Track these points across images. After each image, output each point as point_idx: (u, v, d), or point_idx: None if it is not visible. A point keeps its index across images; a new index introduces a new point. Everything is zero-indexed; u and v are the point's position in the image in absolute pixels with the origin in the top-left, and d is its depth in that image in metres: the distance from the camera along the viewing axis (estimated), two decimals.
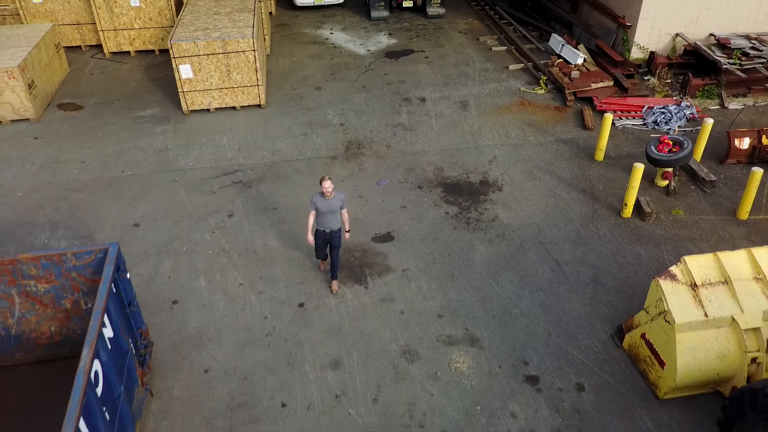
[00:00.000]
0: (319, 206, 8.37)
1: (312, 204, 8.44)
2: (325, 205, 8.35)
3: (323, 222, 8.52)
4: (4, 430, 7.09)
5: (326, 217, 8.45)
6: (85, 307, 7.50)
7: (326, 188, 8.17)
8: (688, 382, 7.22)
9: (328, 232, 8.61)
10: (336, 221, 8.53)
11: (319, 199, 8.36)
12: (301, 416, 7.43)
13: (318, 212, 8.43)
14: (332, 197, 8.31)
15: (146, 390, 7.41)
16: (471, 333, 8.54)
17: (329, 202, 8.35)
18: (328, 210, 8.39)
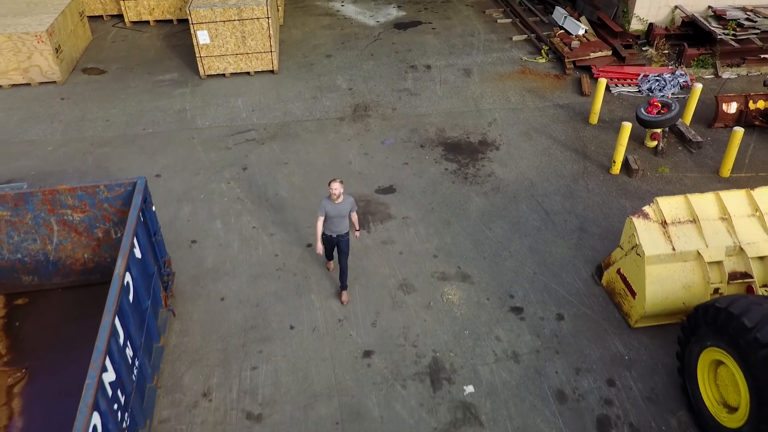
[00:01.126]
0: (328, 211, 7.92)
1: (321, 209, 7.94)
2: (334, 209, 7.91)
3: (331, 226, 8.07)
4: (44, 347, 8.00)
5: (335, 222, 8.01)
6: (115, 236, 8.37)
7: (334, 190, 7.73)
8: (656, 311, 7.97)
9: (335, 237, 8.18)
10: (344, 225, 8.11)
11: (328, 203, 7.91)
12: (306, 336, 8.29)
13: (327, 216, 7.98)
14: (342, 201, 7.90)
15: (169, 311, 8.31)
16: (463, 271, 9.33)
17: (339, 207, 7.91)
18: (337, 215, 7.95)
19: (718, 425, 6.60)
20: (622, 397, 7.44)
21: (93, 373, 5.39)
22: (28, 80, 14.84)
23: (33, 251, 8.28)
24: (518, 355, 7.97)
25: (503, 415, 7.24)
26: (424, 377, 7.70)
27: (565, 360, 7.91)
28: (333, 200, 7.87)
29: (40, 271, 8.50)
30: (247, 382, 7.67)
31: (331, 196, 7.82)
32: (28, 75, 14.77)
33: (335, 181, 7.79)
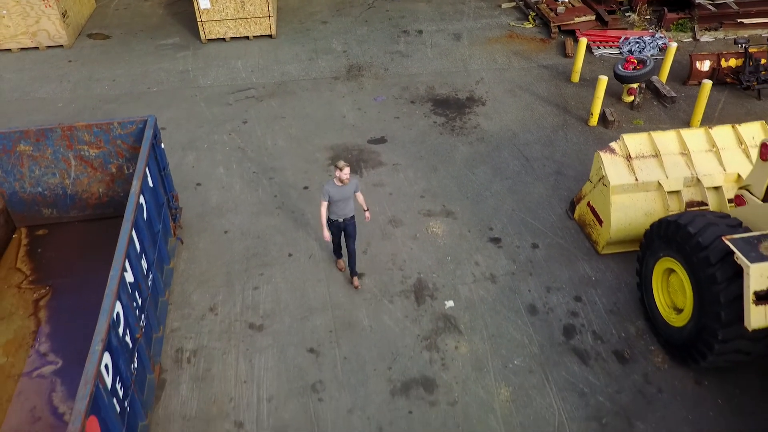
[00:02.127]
0: (333, 194, 7.65)
1: (325, 194, 7.65)
2: (338, 192, 7.66)
3: (336, 211, 7.83)
4: (64, 270, 8.79)
5: (339, 206, 7.77)
6: (127, 172, 9.14)
7: (344, 174, 7.49)
8: (621, 237, 8.78)
9: (341, 221, 7.95)
10: (350, 208, 7.88)
11: (332, 187, 7.65)
12: (303, 263, 9.09)
13: (331, 201, 7.71)
14: (347, 183, 7.67)
15: (178, 239, 9.11)
16: (447, 208, 10.13)
17: (343, 189, 7.68)
18: (341, 198, 7.70)
19: (668, 325, 7.43)
20: (587, 310, 8.27)
21: (116, 267, 6.19)
22: (36, 44, 15.51)
23: (52, 185, 9.05)
24: (495, 277, 8.79)
25: (479, 325, 8.07)
26: (409, 294, 8.52)
27: (537, 280, 8.73)
28: (338, 184, 7.61)
29: (59, 205, 9.27)
30: (249, 299, 8.49)
31: (340, 179, 7.53)
32: (36, 39, 15.44)
33: (346, 166, 7.46)
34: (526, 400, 7.16)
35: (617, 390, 7.27)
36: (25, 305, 8.06)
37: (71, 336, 7.63)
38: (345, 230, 8.07)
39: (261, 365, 7.58)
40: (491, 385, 7.32)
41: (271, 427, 6.89)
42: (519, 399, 7.17)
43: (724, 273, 6.44)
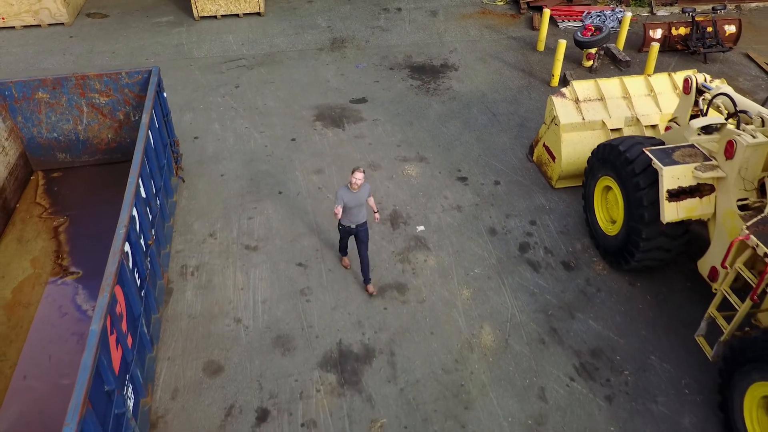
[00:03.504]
0: (347, 201, 7.58)
1: (339, 199, 7.56)
2: (353, 199, 7.61)
3: (350, 217, 7.78)
4: (79, 204, 9.84)
5: (353, 212, 7.73)
6: (133, 119, 10.23)
7: (357, 180, 7.45)
8: (571, 170, 10.00)
9: (354, 227, 7.89)
10: (363, 214, 7.84)
11: (346, 192, 7.59)
12: (292, 199, 10.24)
13: (345, 207, 7.65)
14: (360, 189, 7.65)
15: (180, 178, 10.21)
16: (421, 155, 11.31)
17: (357, 195, 7.62)
18: (356, 204, 7.66)
19: (606, 236, 8.66)
20: (541, 231, 9.48)
21: (132, 179, 7.30)
22: (38, 22, 16.51)
23: (66, 131, 10.12)
24: (461, 207, 9.99)
25: (446, 243, 9.25)
26: (385, 221, 9.69)
27: (498, 209, 9.93)
28: (352, 189, 7.58)
29: (72, 149, 10.35)
30: (244, 226, 9.62)
31: (352, 185, 7.50)
32: (38, 17, 16.44)
33: (359, 171, 7.46)
34: (484, 298, 8.35)
35: (562, 291, 8.48)
36: (46, 231, 9.14)
37: (89, 255, 8.72)
38: (357, 236, 7.95)
39: (256, 276, 8.71)
40: (454, 288, 8.51)
41: (265, 322, 8.03)
42: (478, 298, 8.36)
43: (646, 179, 7.67)
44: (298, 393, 7.14)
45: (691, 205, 7.30)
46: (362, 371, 7.38)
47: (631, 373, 7.37)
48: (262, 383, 7.25)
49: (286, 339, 7.79)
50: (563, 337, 7.82)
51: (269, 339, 7.80)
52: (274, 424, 6.82)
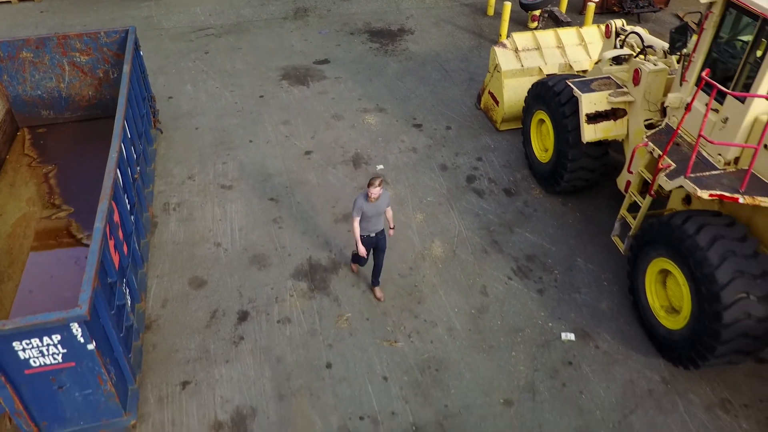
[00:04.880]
0: (366, 210, 7.35)
1: (357, 210, 7.32)
2: (372, 208, 7.36)
3: (369, 226, 7.53)
4: (65, 155, 10.66)
5: (372, 221, 7.49)
6: (113, 76, 11.07)
7: (374, 193, 7.18)
8: (513, 112, 11.18)
9: (374, 236, 7.68)
10: (382, 222, 7.64)
11: (365, 203, 7.32)
12: (262, 146, 11.23)
13: (363, 216, 7.41)
14: (380, 198, 7.36)
15: (158, 129, 11.12)
16: (380, 106, 12.39)
17: (377, 204, 7.37)
18: (375, 213, 7.43)
19: (541, 164, 9.88)
20: (486, 166, 10.66)
21: (119, 117, 8.21)
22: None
23: (49, 88, 10.92)
24: (416, 149, 11.11)
25: (402, 178, 10.37)
26: (348, 162, 10.76)
27: (448, 149, 11.08)
28: (369, 200, 7.33)
29: (55, 106, 11.14)
30: (219, 170, 10.59)
31: (369, 197, 7.26)
32: None
33: (376, 184, 7.13)
34: (435, 220, 9.51)
35: (503, 211, 9.68)
36: (37, 176, 9.98)
37: (79, 195, 9.58)
38: (377, 244, 7.79)
39: (232, 210, 9.72)
40: (410, 213, 9.64)
41: (242, 245, 9.06)
42: (430, 220, 9.51)
43: (570, 108, 8.88)
44: (274, 298, 8.21)
45: (607, 127, 8.53)
46: (330, 279, 8.48)
47: (560, 272, 8.61)
48: (241, 292, 8.30)
49: (261, 258, 8.83)
50: (503, 247, 9.02)
51: (246, 258, 8.83)
52: (253, 323, 7.88)
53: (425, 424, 6.74)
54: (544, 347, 7.58)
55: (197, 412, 6.85)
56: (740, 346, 6.35)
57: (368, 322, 7.88)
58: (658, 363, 7.37)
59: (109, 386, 6.05)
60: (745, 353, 6.47)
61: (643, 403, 6.94)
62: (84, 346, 5.65)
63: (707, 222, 6.60)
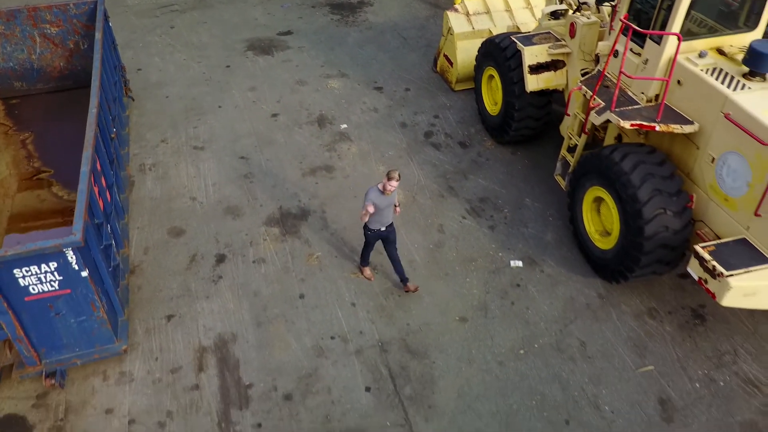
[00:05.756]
0: (378, 203, 7.24)
1: (369, 199, 7.22)
2: (384, 200, 7.29)
3: (381, 219, 7.46)
4: (40, 123, 11.07)
5: (384, 213, 7.41)
6: (83, 47, 11.49)
7: (392, 187, 7.12)
8: (466, 72, 11.97)
9: (384, 230, 7.61)
10: (392, 215, 7.58)
11: (378, 196, 7.23)
12: (231, 111, 11.81)
13: (376, 210, 7.29)
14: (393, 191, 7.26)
15: (129, 97, 11.61)
16: (342, 72, 13.06)
17: (389, 197, 7.32)
18: (387, 205, 7.36)
19: (491, 116, 10.71)
20: (442, 122, 11.46)
21: (95, 75, 8.74)
22: None
23: (21, 60, 11.29)
24: (377, 109, 11.84)
25: (365, 135, 11.10)
26: (314, 123, 11.44)
27: (408, 109, 11.83)
28: (382, 191, 7.23)
29: (27, 78, 11.52)
30: (191, 133, 11.16)
31: (386, 190, 7.16)
32: None
33: (396, 177, 7.09)
34: None
35: (459, 162, 10.49)
36: (14, 143, 10.41)
37: (57, 158, 10.05)
38: (387, 238, 7.73)
39: (205, 168, 10.33)
40: (373, 166, 10.38)
41: (217, 198, 9.70)
42: None
43: (515, 62, 9.69)
44: (249, 242, 8.89)
45: (548, 77, 9.38)
46: (300, 225, 9.20)
47: (510, 210, 9.48)
48: (218, 238, 8.96)
49: (235, 208, 9.49)
50: (458, 191, 9.84)
51: (221, 209, 9.48)
52: (230, 264, 8.56)
53: (390, 340, 7.54)
54: (495, 273, 8.44)
55: (182, 339, 7.53)
56: (660, 256, 7.28)
57: (337, 259, 8.63)
58: (595, 282, 8.29)
59: (102, 313, 6.68)
60: (665, 263, 7.41)
61: (582, 315, 7.86)
62: (78, 273, 6.27)
63: (631, 151, 7.50)
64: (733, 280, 6.31)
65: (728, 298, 6.36)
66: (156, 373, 7.16)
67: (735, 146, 6.75)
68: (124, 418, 6.70)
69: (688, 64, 7.27)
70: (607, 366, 7.24)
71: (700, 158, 7.29)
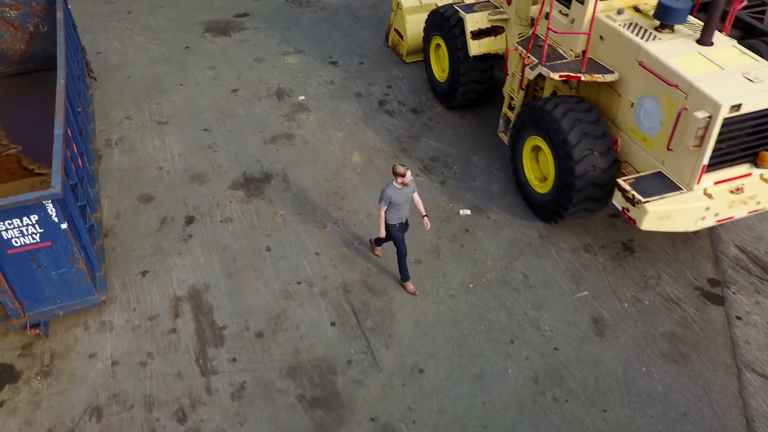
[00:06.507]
0: (395, 198, 7.32)
1: (385, 199, 7.32)
2: (401, 195, 7.35)
3: (400, 213, 7.51)
4: (5, 111, 11.36)
5: (402, 207, 7.47)
6: (42, 30, 11.79)
7: (407, 178, 7.20)
8: (416, 45, 12.67)
9: (405, 222, 7.72)
10: (408, 208, 7.65)
11: (393, 191, 7.30)
12: (192, 88, 12.28)
13: (392, 205, 7.39)
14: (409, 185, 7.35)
15: (92, 77, 11.97)
16: (298, 49, 13.63)
17: (405, 191, 7.37)
18: (405, 200, 7.43)
19: (439, 83, 11.44)
20: (395, 91, 12.15)
21: (60, 46, 9.14)
22: None
23: None
24: (333, 81, 12.46)
25: (322, 106, 11.72)
26: (272, 96, 12.00)
27: (362, 81, 12.49)
28: (398, 187, 7.29)
29: None
30: (154, 110, 11.60)
31: (403, 183, 7.25)
32: None
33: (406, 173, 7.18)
34: (353, 137, 10.93)
35: (411, 126, 11.21)
36: None
37: (24, 136, 10.39)
38: (407, 229, 7.85)
39: (170, 140, 10.81)
40: (331, 133, 11.02)
41: (183, 167, 10.20)
42: (349, 137, 10.92)
43: (459, 29, 10.43)
44: (215, 204, 9.45)
45: (489, 42, 10.15)
46: (263, 187, 9.79)
47: (458, 167, 10.24)
48: (186, 202, 9.49)
49: (200, 175, 10.02)
50: (411, 152, 10.56)
51: (187, 177, 10.00)
52: (200, 224, 9.11)
53: (352, 282, 8.23)
54: (446, 221, 9.19)
55: (158, 291, 8.07)
56: (590, 193, 8.12)
57: (300, 216, 9.26)
58: (536, 224, 9.12)
59: (81, 265, 7.19)
60: (596, 200, 8.27)
61: (524, 252, 8.68)
62: (58, 226, 6.77)
63: (562, 101, 8.32)
64: (650, 205, 7.18)
65: (646, 222, 7.23)
66: (135, 321, 7.69)
67: (649, 90, 7.62)
68: (108, 361, 7.23)
69: (607, 20, 8.12)
70: (547, 294, 8.07)
71: (622, 105, 8.15)
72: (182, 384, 7.00)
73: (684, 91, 7.10)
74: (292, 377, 7.08)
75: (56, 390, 6.92)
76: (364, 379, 7.08)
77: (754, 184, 7.55)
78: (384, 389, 6.97)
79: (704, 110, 6.88)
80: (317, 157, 10.40)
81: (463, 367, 7.20)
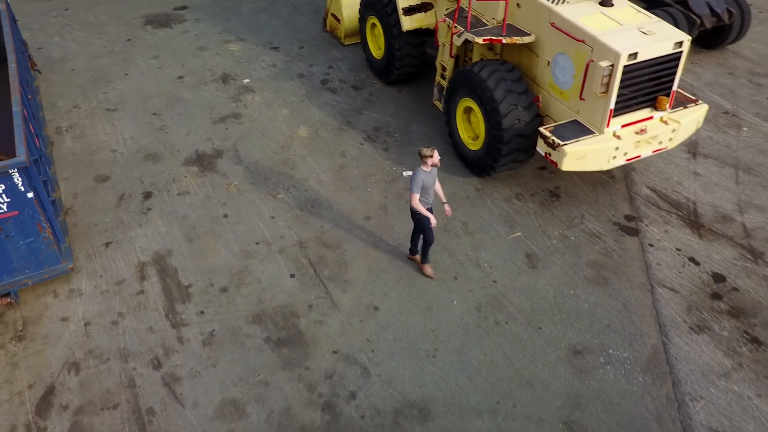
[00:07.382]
0: (426, 181, 7.36)
1: (417, 185, 7.28)
2: (429, 177, 7.39)
3: (428, 198, 7.57)
4: None
5: (429, 191, 7.51)
6: None
7: (435, 160, 7.29)
8: (353, 27, 13.39)
9: (430, 206, 7.75)
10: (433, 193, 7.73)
11: (423, 174, 7.32)
12: (137, 77, 12.62)
13: (422, 188, 7.39)
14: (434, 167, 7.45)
15: (36, 70, 12.16)
16: (239, 37, 14.13)
17: (431, 174, 7.44)
18: (432, 182, 7.48)
19: (378, 60, 12.21)
20: (336, 71, 12.85)
21: (7, 39, 9.42)
22: None
23: None
24: (276, 65, 13.05)
25: (267, 87, 12.30)
26: (218, 80, 12.49)
27: (304, 63, 13.13)
28: (426, 170, 7.36)
29: None
30: (102, 98, 11.91)
31: (433, 164, 7.33)
32: None
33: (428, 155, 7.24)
34: (299, 113, 11.56)
35: (353, 101, 11.93)
36: None
37: None
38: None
39: (120, 125, 11.17)
40: (277, 110, 11.62)
41: (135, 148, 10.60)
42: (294, 113, 11.55)
43: (392, 7, 11.21)
44: (171, 180, 9.91)
45: (420, 18, 10.97)
46: (216, 162, 10.30)
47: (400, 135, 11.02)
48: (142, 180, 9.91)
49: (154, 155, 10.45)
50: (355, 124, 11.28)
51: (141, 157, 10.41)
52: (157, 198, 9.56)
53: (307, 240, 8.88)
54: (391, 182, 9.95)
55: (122, 259, 8.51)
56: (518, 144, 9.04)
57: (253, 186, 9.83)
58: (472, 180, 9.99)
59: (48, 234, 7.57)
60: (523, 151, 9.19)
61: (463, 204, 9.53)
62: (24, 195, 7.15)
63: (487, 64, 9.21)
64: (567, 147, 8.14)
65: (566, 162, 8.19)
66: (103, 286, 8.11)
67: (561, 48, 8.59)
68: (80, 322, 7.64)
69: None
70: (484, 237, 8.94)
71: (540, 64, 9.11)
72: (154, 336, 7.49)
73: (590, 45, 8.09)
74: (257, 323, 7.68)
75: (32, 351, 7.30)
76: (325, 319, 7.75)
77: (656, 126, 8.63)
78: (343, 326, 7.66)
79: (607, 60, 7.88)
80: (266, 133, 10.98)
81: (414, 302, 7.96)
